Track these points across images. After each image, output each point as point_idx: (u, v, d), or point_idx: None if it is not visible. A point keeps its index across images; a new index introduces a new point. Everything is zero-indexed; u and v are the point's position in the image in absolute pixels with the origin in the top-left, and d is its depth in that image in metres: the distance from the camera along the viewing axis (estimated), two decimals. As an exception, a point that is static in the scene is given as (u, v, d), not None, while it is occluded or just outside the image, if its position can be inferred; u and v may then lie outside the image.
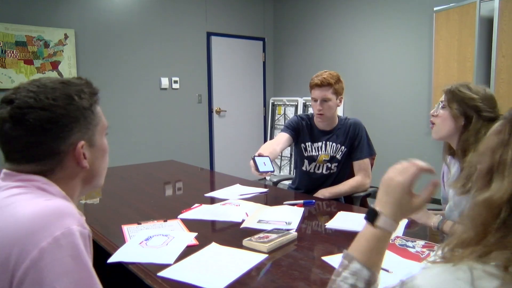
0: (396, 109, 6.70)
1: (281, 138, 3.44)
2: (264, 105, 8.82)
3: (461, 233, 0.94)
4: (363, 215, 1.31)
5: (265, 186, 3.46)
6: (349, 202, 3.45)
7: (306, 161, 3.53)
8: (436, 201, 2.78)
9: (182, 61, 7.35)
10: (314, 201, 2.90)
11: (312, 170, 3.52)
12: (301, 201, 2.85)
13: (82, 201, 3.18)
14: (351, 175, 3.48)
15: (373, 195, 3.59)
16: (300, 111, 8.23)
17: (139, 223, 2.37)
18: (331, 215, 2.55)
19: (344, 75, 3.70)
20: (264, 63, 8.89)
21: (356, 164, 3.45)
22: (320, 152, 3.47)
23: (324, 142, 3.47)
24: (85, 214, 2.83)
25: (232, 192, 3.19)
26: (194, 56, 7.54)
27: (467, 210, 0.98)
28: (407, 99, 6.55)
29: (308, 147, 3.50)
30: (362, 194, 3.41)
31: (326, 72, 3.37)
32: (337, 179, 3.47)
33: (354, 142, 3.44)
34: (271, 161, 2.84)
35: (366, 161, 3.43)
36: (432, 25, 5.99)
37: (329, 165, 3.48)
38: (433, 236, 2.25)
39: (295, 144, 3.56)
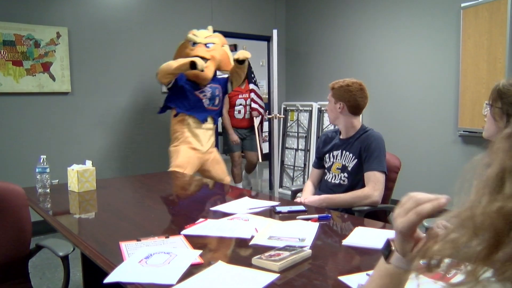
0: (420, 114, 6.69)
1: (313, 174, 4.02)
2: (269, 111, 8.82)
3: (465, 243, 0.90)
4: (385, 230, 1.31)
5: (270, 198, 3.47)
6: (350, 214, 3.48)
7: (326, 170, 3.84)
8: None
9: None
10: (329, 215, 2.91)
11: (329, 179, 3.76)
12: (316, 216, 2.85)
13: (77, 215, 3.20)
14: None
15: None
16: (314, 117, 8.23)
17: (138, 240, 2.39)
18: (348, 231, 2.56)
19: (363, 77, 3.76)
20: (269, 63, 8.95)
21: (366, 176, 3.54)
22: (335, 160, 3.72)
23: (341, 150, 3.70)
24: (79, 229, 2.86)
25: (240, 206, 3.20)
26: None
27: (463, 215, 0.94)
28: (432, 103, 6.53)
29: (327, 156, 3.81)
30: (365, 208, 3.45)
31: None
32: (347, 191, 3.57)
33: (364, 153, 3.57)
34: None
35: (377, 174, 3.49)
36: (459, 23, 5.98)
37: (342, 175, 3.66)
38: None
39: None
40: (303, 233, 2.50)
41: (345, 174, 3.63)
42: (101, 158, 6.33)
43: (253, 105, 7.93)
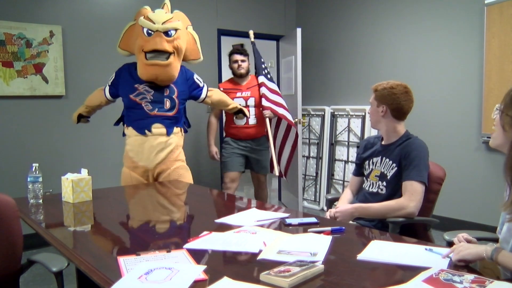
0: (441, 119, 6.68)
1: (352, 183, 4.04)
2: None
3: None
4: (403, 244, 1.31)
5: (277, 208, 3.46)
6: (385, 227, 3.46)
7: (364, 178, 3.89)
8: (489, 228, 2.76)
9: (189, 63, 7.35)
10: (343, 228, 2.90)
11: (366, 187, 3.79)
12: (329, 228, 2.85)
13: (71, 228, 3.20)
14: None
15: (437, 226, 3.63)
16: (327, 122, 8.23)
17: (138, 254, 2.39)
18: (364, 245, 2.55)
19: (378, 79, 3.77)
20: (278, 64, 9.04)
21: (403, 185, 3.52)
22: (375, 167, 3.74)
23: (381, 157, 3.72)
24: (74, 243, 2.87)
25: (248, 218, 3.20)
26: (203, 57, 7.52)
27: None
28: (454, 107, 6.53)
29: (367, 163, 3.86)
30: (401, 219, 3.42)
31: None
32: (385, 201, 3.57)
33: (404, 161, 3.55)
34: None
35: (415, 184, 3.45)
36: (482, 21, 5.99)
37: (380, 184, 3.66)
38: (484, 269, 2.24)
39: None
40: (315, 247, 2.50)
41: (384, 183, 3.63)
42: (98, 167, 6.30)
43: (264, 103, 6.54)
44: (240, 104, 6.07)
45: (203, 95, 5.39)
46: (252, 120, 6.55)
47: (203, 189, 4.64)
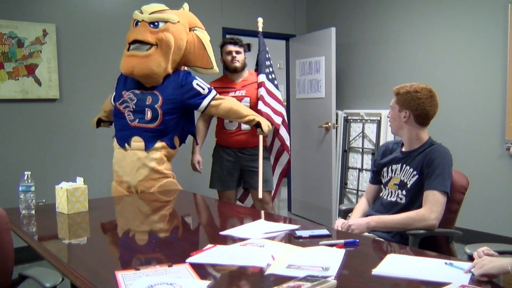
0: (462, 125, 6.66)
1: (368, 191, 4.06)
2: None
3: None
4: (421, 258, 1.31)
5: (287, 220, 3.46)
6: (404, 239, 3.46)
7: (382, 186, 3.89)
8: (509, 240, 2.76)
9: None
10: (357, 240, 2.90)
11: (384, 196, 3.79)
12: (342, 241, 2.85)
13: (66, 240, 3.21)
14: None
15: (459, 239, 3.62)
16: (340, 128, 8.21)
17: (137, 269, 2.39)
18: (379, 259, 2.55)
19: (396, 81, 3.76)
20: (289, 64, 9.04)
21: (424, 195, 3.51)
22: (394, 175, 3.74)
23: (401, 164, 3.71)
24: (69, 257, 2.87)
25: (255, 229, 3.20)
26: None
27: None
28: (475, 111, 6.50)
29: (385, 170, 3.85)
30: (421, 231, 3.41)
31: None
32: (404, 212, 3.55)
33: (426, 169, 3.54)
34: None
35: (437, 194, 3.45)
36: (507, 19, 5.97)
37: (399, 192, 3.66)
38: (509, 285, 2.24)
39: None
40: (327, 261, 2.50)
41: (403, 192, 3.62)
42: (94, 175, 6.27)
43: (261, 107, 5.66)
44: None
45: (203, 104, 4.94)
46: (245, 125, 5.58)
47: (207, 199, 4.63)
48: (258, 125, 5.13)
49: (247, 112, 5.19)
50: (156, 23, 4.71)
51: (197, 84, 4.91)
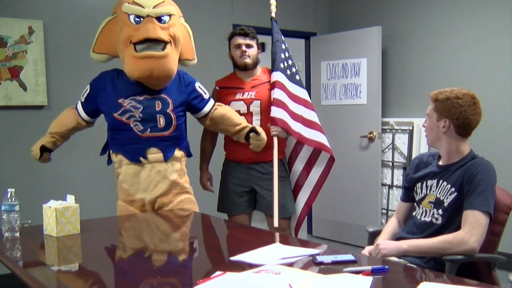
0: (506, 137, 6.65)
1: (399, 210, 4.09)
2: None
3: None
4: (459, 287, 1.32)
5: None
6: (439, 266, 3.45)
7: (415, 204, 3.88)
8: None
9: (202, 63, 7.27)
10: (386, 267, 2.90)
11: (417, 216, 3.78)
12: (369, 268, 2.85)
13: (55, 267, 3.22)
14: None
15: (503, 265, 3.61)
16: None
17: (136, 299, 2.41)
18: (412, 288, 2.56)
19: (432, 86, 3.74)
20: (310, 66, 9.05)
21: (464, 215, 3.48)
22: (429, 192, 3.72)
23: (437, 180, 3.70)
24: (58, 285, 2.89)
25: (270, 254, 3.20)
26: (216, 56, 7.51)
27: None
28: (494, 113, 6.52)
29: (419, 186, 3.85)
30: (459, 257, 3.40)
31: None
32: (440, 234, 3.54)
33: (466, 186, 3.52)
34: None
35: (478, 214, 3.43)
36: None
37: (434, 212, 3.64)
38: None
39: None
40: (352, 290, 2.50)
41: (439, 211, 3.60)
42: (87, 192, 6.29)
43: (275, 112, 5.23)
44: (240, 111, 5.27)
45: (206, 109, 4.97)
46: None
47: (214, 220, 4.62)
48: (253, 131, 5.03)
49: (241, 120, 5.14)
50: (162, 18, 4.61)
51: (199, 86, 4.98)
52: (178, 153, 4.79)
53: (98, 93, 4.81)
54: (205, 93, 4.99)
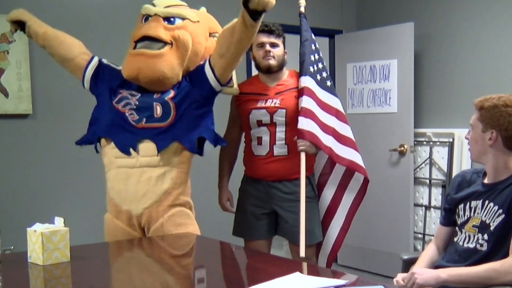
0: None
1: (438, 235, 4.11)
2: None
3: None
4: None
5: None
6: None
7: (457, 228, 3.89)
8: None
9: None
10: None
11: (459, 242, 3.76)
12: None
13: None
14: None
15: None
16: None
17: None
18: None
19: (476, 93, 3.72)
20: (334, 68, 8.98)
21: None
22: (473, 214, 3.68)
23: (482, 201, 3.65)
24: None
25: (289, 286, 3.19)
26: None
27: None
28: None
29: (461, 208, 3.84)
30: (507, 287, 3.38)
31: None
32: (485, 262, 3.50)
33: None
34: None
35: None
36: None
37: (479, 237, 3.61)
38: None
39: None
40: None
41: (485, 236, 3.57)
42: (78, 214, 6.30)
43: (303, 123, 5.07)
44: (262, 121, 5.18)
45: (206, 66, 4.75)
46: (279, 149, 5.18)
47: (224, 246, 4.61)
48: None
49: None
50: (172, 19, 4.63)
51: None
52: (175, 145, 4.65)
53: (104, 72, 4.92)
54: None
